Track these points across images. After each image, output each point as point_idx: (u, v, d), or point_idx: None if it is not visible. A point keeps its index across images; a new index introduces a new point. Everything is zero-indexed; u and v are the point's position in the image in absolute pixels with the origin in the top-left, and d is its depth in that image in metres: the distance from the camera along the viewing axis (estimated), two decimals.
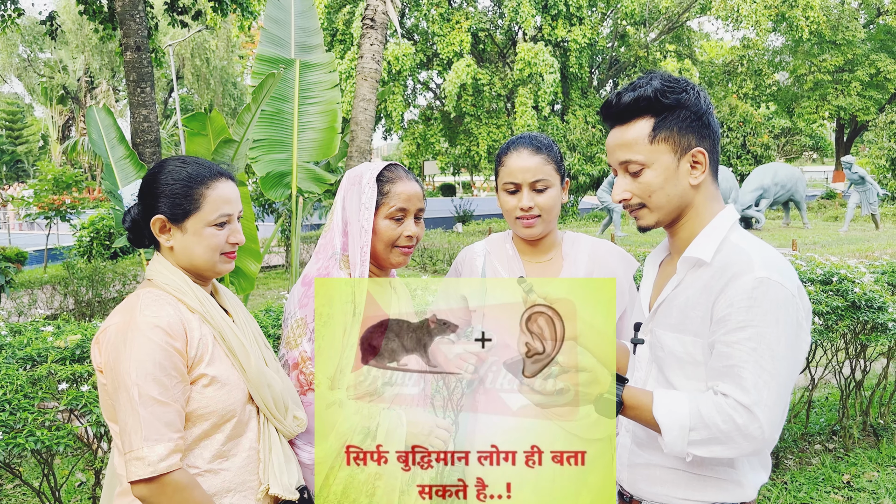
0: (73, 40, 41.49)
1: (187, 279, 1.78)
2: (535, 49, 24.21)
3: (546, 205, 2.16)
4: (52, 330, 2.93)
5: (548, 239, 2.28)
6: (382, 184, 2.08)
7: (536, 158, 2.16)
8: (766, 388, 1.45)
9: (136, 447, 1.59)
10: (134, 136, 6.64)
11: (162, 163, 1.83)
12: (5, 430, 2.24)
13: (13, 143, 53.78)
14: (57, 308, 10.12)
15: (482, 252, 2.32)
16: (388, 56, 24.00)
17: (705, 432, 1.47)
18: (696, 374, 1.59)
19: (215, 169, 1.82)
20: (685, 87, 1.61)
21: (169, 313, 1.68)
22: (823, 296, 3.98)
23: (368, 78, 5.89)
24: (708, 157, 1.62)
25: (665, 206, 1.64)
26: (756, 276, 1.49)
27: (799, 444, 4.69)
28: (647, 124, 1.61)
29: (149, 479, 1.58)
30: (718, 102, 26.61)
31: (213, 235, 1.78)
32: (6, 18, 13.11)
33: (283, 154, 5.61)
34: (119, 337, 1.65)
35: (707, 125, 1.62)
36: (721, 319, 1.51)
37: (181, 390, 1.66)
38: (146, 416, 1.59)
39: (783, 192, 18.68)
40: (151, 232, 1.80)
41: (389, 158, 52.49)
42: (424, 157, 28.66)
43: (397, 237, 2.07)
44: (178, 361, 1.66)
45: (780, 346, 1.46)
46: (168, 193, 1.76)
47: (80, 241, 14.66)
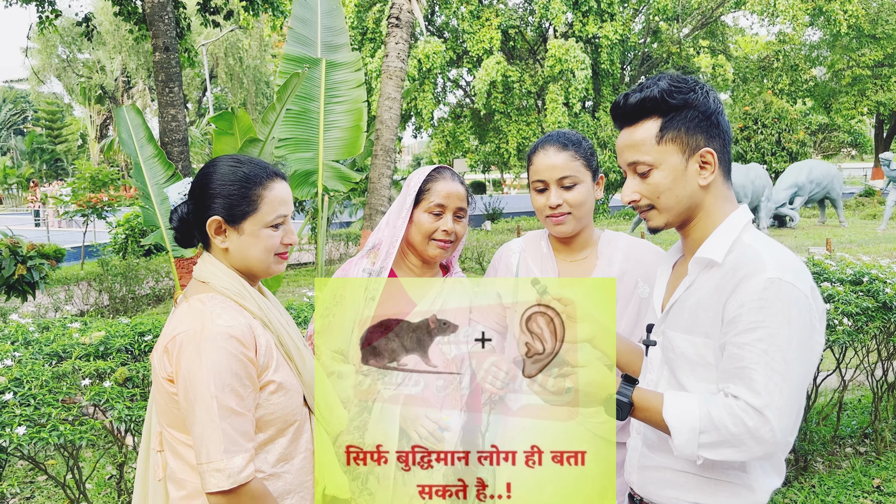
0: (110, 41, 42.20)
1: (245, 283, 1.78)
2: (565, 45, 24.05)
3: (575, 201, 2.16)
4: (78, 326, 2.99)
5: (582, 237, 2.27)
6: (427, 182, 2.23)
7: (563, 155, 2.16)
8: (777, 390, 1.42)
9: (215, 458, 1.58)
10: (162, 136, 6.74)
11: (214, 162, 1.81)
12: (29, 424, 2.29)
13: (53, 142, 54.98)
14: (92, 304, 10.33)
15: (518, 250, 2.34)
16: (419, 54, 24.03)
17: (715, 435, 1.45)
18: (708, 375, 1.57)
19: (271, 169, 1.80)
20: (693, 87, 1.59)
21: (240, 322, 1.67)
22: (853, 296, 3.90)
23: (394, 76, 5.91)
24: (717, 158, 1.60)
25: (674, 207, 1.62)
26: (768, 276, 1.46)
27: (829, 447, 4.60)
28: (655, 125, 1.60)
29: (227, 491, 1.59)
30: (753, 99, 26.17)
31: (270, 237, 1.76)
32: (43, 20, 13.38)
33: (309, 153, 5.65)
34: (192, 346, 1.62)
35: (716, 125, 1.60)
36: (732, 320, 1.49)
37: (254, 399, 1.67)
38: (226, 427, 1.59)
39: (819, 190, 18.33)
40: (200, 231, 1.79)
41: (419, 157, 51.89)
42: (454, 154, 28.64)
43: (434, 230, 2.20)
44: (251, 371, 1.66)
45: (791, 347, 1.44)
46: (224, 194, 1.74)
47: (116, 238, 14.97)
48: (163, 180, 5.26)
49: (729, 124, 1.64)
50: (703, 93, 1.60)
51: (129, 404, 2.50)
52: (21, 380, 2.45)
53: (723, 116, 1.61)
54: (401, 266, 2.30)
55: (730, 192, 1.65)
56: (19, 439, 2.22)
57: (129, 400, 2.53)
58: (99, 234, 16.46)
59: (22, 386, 2.42)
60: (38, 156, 54.52)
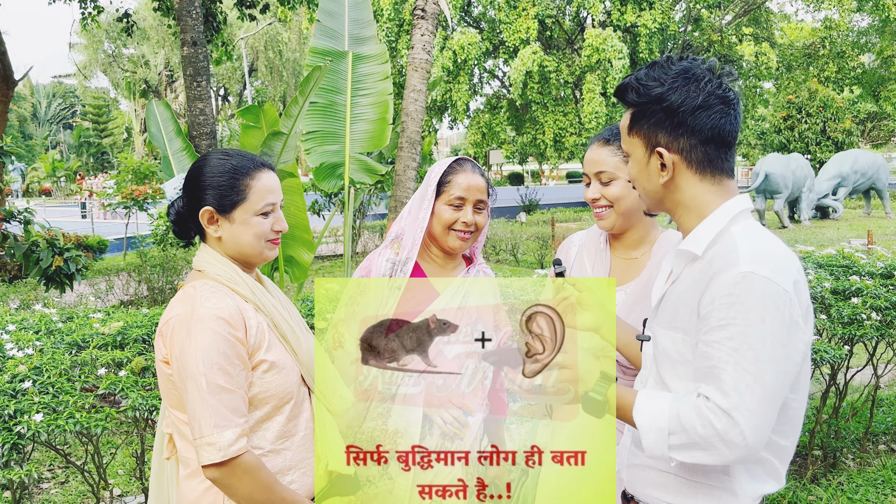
0: (153, 36, 43.00)
1: (238, 269, 1.86)
2: (603, 35, 23.76)
3: (612, 196, 2.16)
4: (100, 317, 3.06)
5: (635, 234, 2.26)
6: (447, 174, 2.27)
7: (604, 151, 2.18)
8: (748, 391, 1.36)
9: (207, 433, 1.68)
10: (190, 129, 6.85)
11: (205, 156, 1.91)
12: (48, 411, 2.36)
13: (99, 135, 56.29)
14: (132, 294, 10.57)
15: (578, 243, 2.37)
16: (454, 45, 23.97)
17: (684, 437, 1.41)
18: (687, 373, 1.52)
19: (258, 160, 1.90)
20: (665, 80, 1.52)
21: (228, 304, 1.76)
22: (883, 290, 3.79)
23: (419, 68, 5.91)
24: (682, 157, 1.53)
25: (645, 196, 1.64)
26: (740, 270, 1.40)
27: (860, 444, 4.49)
28: (628, 115, 1.61)
29: (220, 463, 1.68)
30: (797, 87, 25.53)
31: (260, 224, 1.85)
32: (86, 16, 13.69)
33: (335, 145, 5.70)
34: (183, 328, 1.73)
35: (683, 123, 1.51)
36: (704, 317, 1.44)
37: (244, 377, 1.75)
38: (214, 403, 1.68)
39: (864, 180, 17.86)
40: (196, 223, 1.89)
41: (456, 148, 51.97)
42: (490, 146, 28.54)
43: (454, 221, 2.24)
44: (240, 350, 1.74)
45: (765, 346, 1.37)
46: (215, 185, 1.83)
47: (156, 230, 15.28)
48: None
49: (721, 119, 1.52)
50: (675, 88, 1.51)
51: (144, 394, 2.55)
52: (41, 368, 2.52)
53: (702, 112, 1.50)
54: (423, 257, 2.33)
55: (718, 187, 1.56)
56: (37, 426, 2.29)
57: (145, 389, 2.58)
58: (141, 225, 16.81)
59: (41, 374, 2.50)
60: (86, 149, 55.90)
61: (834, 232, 15.73)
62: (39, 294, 9.08)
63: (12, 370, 2.47)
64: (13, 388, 2.40)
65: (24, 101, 57.14)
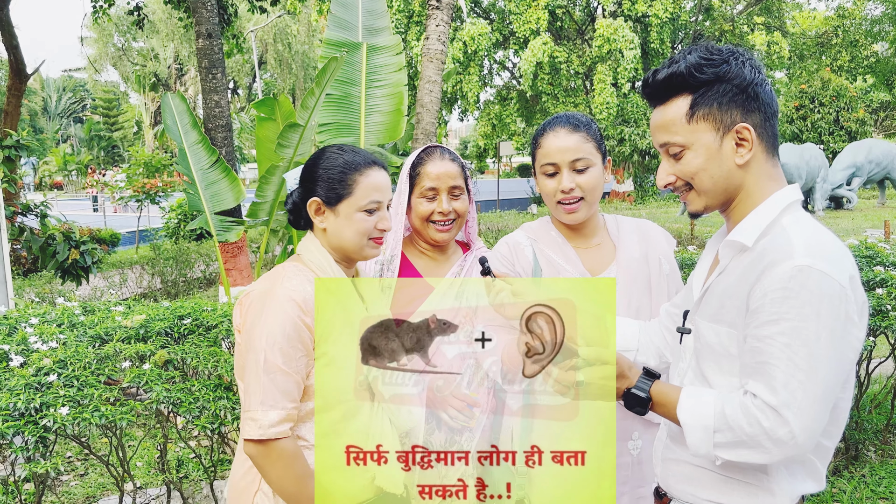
0: (163, 29, 42.99)
1: (331, 260, 1.89)
2: (614, 25, 23.60)
3: (588, 185, 2.09)
4: (121, 310, 3.06)
5: (592, 223, 2.21)
6: (416, 166, 2.21)
7: (574, 137, 2.10)
8: (800, 388, 1.31)
9: (253, 408, 1.71)
10: (206, 122, 6.84)
11: (322, 150, 1.96)
12: (73, 405, 2.36)
13: (110, 129, 56.42)
14: (146, 287, 10.62)
15: (527, 242, 2.24)
16: (464, 36, 23.86)
17: (730, 435, 1.37)
18: (731, 369, 1.48)
19: (369, 158, 1.93)
20: (727, 57, 1.48)
21: (306, 289, 1.79)
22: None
23: (434, 59, 5.86)
24: (756, 133, 1.48)
25: (711, 189, 1.52)
26: (795, 263, 1.34)
27: (882, 436, 4.45)
28: (685, 102, 1.50)
29: (258, 441, 1.70)
30: (810, 76, 25.30)
31: (363, 220, 1.87)
32: (97, 9, 13.71)
33: (350, 137, 5.65)
34: (258, 303, 1.80)
35: (755, 97, 1.48)
36: (755, 311, 1.39)
37: (304, 363, 1.77)
38: (266, 382, 1.71)
39: (878, 170, 17.70)
40: (306, 213, 1.92)
41: (466, 140, 51.78)
42: (500, 137, 28.45)
43: (430, 213, 2.19)
44: (304, 335, 1.76)
45: (819, 342, 1.32)
46: (325, 178, 1.88)
47: (168, 223, 15.35)
48: (207, 166, 5.34)
49: (773, 95, 1.51)
50: (738, 63, 1.48)
51: (168, 386, 2.55)
52: (65, 361, 2.52)
53: (763, 87, 1.49)
54: (413, 252, 2.30)
55: (776, 170, 1.53)
56: (62, 419, 2.29)
57: (168, 382, 2.58)
58: (153, 218, 16.91)
59: (66, 367, 2.50)
60: (96, 143, 56.05)
61: (849, 222, 15.60)
62: (54, 287, 9.14)
63: (37, 363, 2.47)
64: (38, 382, 2.40)
65: (35, 95, 57.29)
